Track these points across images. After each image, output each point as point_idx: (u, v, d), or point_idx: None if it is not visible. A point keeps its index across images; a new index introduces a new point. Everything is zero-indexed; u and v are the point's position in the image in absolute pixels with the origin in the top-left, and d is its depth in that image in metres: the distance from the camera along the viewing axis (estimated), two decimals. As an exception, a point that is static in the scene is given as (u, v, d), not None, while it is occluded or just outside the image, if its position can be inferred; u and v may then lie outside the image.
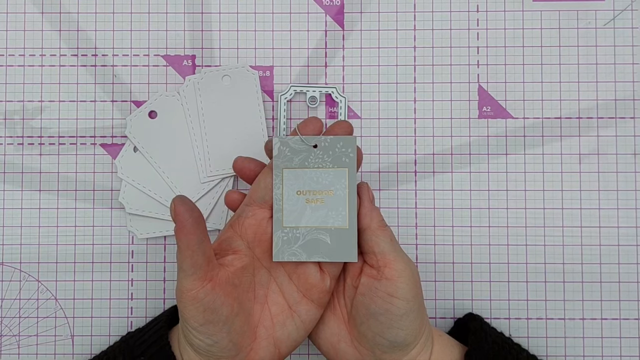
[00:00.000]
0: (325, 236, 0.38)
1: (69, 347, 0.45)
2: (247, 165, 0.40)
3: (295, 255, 0.38)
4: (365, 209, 0.38)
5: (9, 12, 0.46)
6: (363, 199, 0.39)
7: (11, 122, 0.46)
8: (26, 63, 0.46)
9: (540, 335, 0.45)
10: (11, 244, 0.45)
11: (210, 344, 0.36)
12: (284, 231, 0.38)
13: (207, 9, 0.46)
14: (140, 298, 0.45)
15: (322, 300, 0.38)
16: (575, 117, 0.46)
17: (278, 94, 0.46)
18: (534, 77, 0.46)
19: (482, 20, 0.46)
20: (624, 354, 0.45)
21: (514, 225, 0.45)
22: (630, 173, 0.45)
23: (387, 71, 0.46)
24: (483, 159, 0.46)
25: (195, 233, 0.34)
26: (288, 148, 0.38)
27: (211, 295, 0.35)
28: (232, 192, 0.41)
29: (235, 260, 0.37)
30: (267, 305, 0.38)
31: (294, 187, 0.38)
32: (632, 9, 0.46)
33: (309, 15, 0.46)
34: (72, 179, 0.46)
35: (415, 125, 0.46)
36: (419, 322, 0.37)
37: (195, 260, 0.35)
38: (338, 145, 0.38)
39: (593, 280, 0.45)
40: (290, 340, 0.38)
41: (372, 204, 0.39)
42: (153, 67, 0.46)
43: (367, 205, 0.38)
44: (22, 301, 0.45)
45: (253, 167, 0.40)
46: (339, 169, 0.38)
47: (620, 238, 0.45)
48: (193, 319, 0.35)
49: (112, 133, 0.46)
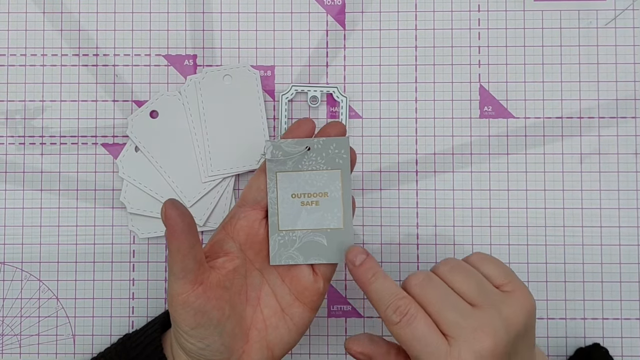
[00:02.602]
0: (322, 238, 0.38)
1: (70, 347, 0.45)
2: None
3: (292, 258, 0.38)
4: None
5: (10, 11, 0.46)
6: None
7: (12, 122, 0.46)
8: (27, 63, 0.46)
9: (542, 335, 0.45)
10: (12, 243, 0.45)
11: (202, 347, 0.36)
12: (280, 234, 0.38)
13: (208, 8, 0.46)
14: (141, 298, 0.45)
15: (314, 303, 0.38)
16: (576, 116, 0.46)
17: (279, 93, 0.46)
18: (535, 77, 0.46)
19: (483, 19, 0.46)
20: (625, 353, 0.45)
21: (515, 225, 0.45)
22: (631, 173, 0.45)
23: (388, 71, 0.46)
24: (484, 158, 0.46)
25: (186, 237, 0.34)
26: (281, 151, 0.38)
27: (202, 299, 0.35)
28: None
29: (226, 262, 0.37)
30: (260, 308, 0.38)
31: (289, 190, 0.38)
32: (633, 8, 0.46)
33: (310, 15, 0.46)
34: (74, 179, 0.46)
35: (416, 125, 0.46)
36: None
37: (185, 265, 0.34)
38: (331, 147, 0.38)
39: (594, 280, 0.45)
40: (283, 343, 0.38)
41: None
42: (154, 67, 0.46)
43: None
44: (23, 301, 0.45)
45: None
46: (332, 170, 0.38)
47: (622, 238, 0.45)
48: (184, 322, 0.35)
49: (113, 133, 0.46)
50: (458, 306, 0.33)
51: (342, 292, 0.46)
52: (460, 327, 0.32)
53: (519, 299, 0.34)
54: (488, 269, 0.36)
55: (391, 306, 0.33)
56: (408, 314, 0.33)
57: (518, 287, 0.35)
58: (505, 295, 0.34)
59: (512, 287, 0.35)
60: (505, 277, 0.35)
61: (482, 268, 0.36)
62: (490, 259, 0.36)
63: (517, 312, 0.34)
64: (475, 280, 0.34)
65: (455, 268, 0.35)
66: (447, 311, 0.33)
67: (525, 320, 0.34)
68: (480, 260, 0.36)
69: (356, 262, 0.35)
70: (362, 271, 0.35)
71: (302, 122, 0.38)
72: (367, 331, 0.45)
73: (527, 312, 0.34)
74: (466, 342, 0.32)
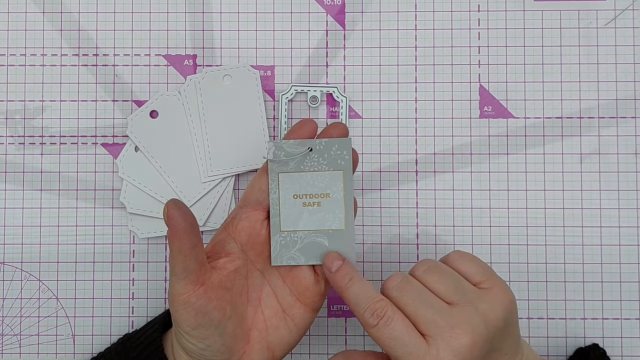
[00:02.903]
0: (323, 239, 0.38)
1: (70, 347, 0.45)
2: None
3: (293, 259, 0.38)
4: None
5: (10, 11, 0.46)
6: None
7: (12, 122, 0.46)
8: (27, 63, 0.46)
9: (542, 335, 0.45)
10: (12, 243, 0.45)
11: (203, 347, 0.36)
12: (282, 235, 0.38)
13: (208, 8, 0.46)
14: (141, 298, 0.45)
15: (315, 304, 0.38)
16: (576, 116, 0.46)
17: (279, 93, 0.46)
18: (535, 77, 0.46)
19: (483, 20, 0.46)
20: (625, 353, 0.45)
21: (514, 225, 0.45)
22: (631, 173, 0.45)
23: (388, 71, 0.46)
24: (484, 158, 0.46)
25: (188, 238, 0.34)
26: (283, 152, 0.38)
27: (203, 299, 0.35)
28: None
29: (228, 263, 0.37)
30: (261, 309, 0.38)
31: (290, 191, 0.38)
32: (633, 8, 0.46)
33: (310, 15, 0.46)
34: (73, 179, 0.46)
35: (416, 125, 0.46)
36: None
37: (187, 265, 0.34)
38: (333, 148, 0.38)
39: (594, 280, 0.45)
40: (284, 343, 0.38)
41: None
42: (154, 67, 0.46)
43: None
44: (23, 300, 0.45)
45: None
46: (334, 171, 0.38)
47: (622, 238, 0.45)
48: (185, 322, 0.35)
49: (113, 133, 0.46)
50: (435, 305, 0.34)
51: (342, 292, 0.46)
52: (437, 325, 0.33)
53: (497, 295, 0.35)
54: (466, 266, 0.36)
55: (368, 309, 0.34)
56: (385, 316, 0.33)
57: (496, 284, 0.35)
58: (482, 292, 0.35)
59: (490, 283, 0.35)
60: (483, 275, 0.36)
61: (460, 266, 0.36)
62: (468, 257, 0.37)
63: (495, 307, 0.34)
64: (452, 279, 0.35)
65: (431, 268, 0.35)
66: (424, 310, 0.33)
67: (503, 315, 0.34)
68: (458, 259, 0.37)
69: (332, 268, 0.36)
70: (339, 277, 0.36)
71: (304, 122, 0.38)
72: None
73: (505, 307, 0.34)
74: (444, 340, 0.32)
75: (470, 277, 0.36)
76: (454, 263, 0.36)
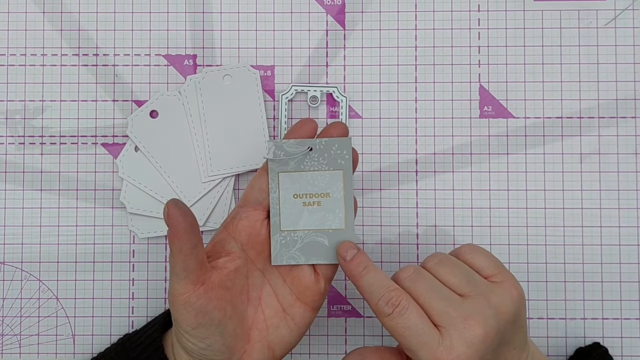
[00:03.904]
0: (323, 238, 0.38)
1: (70, 347, 0.45)
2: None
3: (293, 258, 0.38)
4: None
5: (10, 11, 0.46)
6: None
7: (12, 122, 0.46)
8: (27, 62, 0.46)
9: (542, 335, 0.45)
10: (12, 243, 0.45)
11: (203, 347, 0.36)
12: (282, 235, 0.38)
13: (208, 8, 0.46)
14: (141, 297, 0.45)
15: (316, 303, 0.38)
16: (576, 116, 0.46)
17: (279, 93, 0.46)
18: (535, 77, 0.46)
19: (483, 19, 0.46)
20: (625, 353, 0.45)
21: (514, 225, 0.45)
22: (631, 173, 0.45)
23: (388, 71, 0.46)
24: (484, 158, 0.46)
25: (189, 238, 0.34)
26: (283, 152, 0.38)
27: (203, 299, 0.35)
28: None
29: (228, 262, 0.37)
30: (261, 308, 0.38)
31: (291, 190, 0.38)
32: (633, 8, 0.46)
33: (310, 15, 0.46)
34: (73, 179, 0.46)
35: (416, 125, 0.46)
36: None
37: (187, 265, 0.34)
38: (333, 148, 0.38)
39: (594, 280, 0.45)
40: (284, 343, 0.38)
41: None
42: (154, 67, 0.46)
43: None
44: (23, 300, 0.45)
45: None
46: (334, 171, 0.38)
47: (622, 238, 0.45)
48: (185, 322, 0.35)
49: (113, 132, 0.46)
50: (447, 297, 0.34)
51: (342, 292, 0.46)
52: (450, 316, 0.33)
53: (508, 289, 0.35)
54: (477, 260, 0.36)
55: (383, 298, 0.34)
56: (400, 305, 0.33)
57: (507, 278, 0.36)
58: (493, 285, 0.35)
59: (501, 277, 0.36)
60: (495, 268, 0.36)
61: (472, 260, 0.36)
62: (479, 251, 0.37)
63: (506, 301, 0.34)
64: (463, 271, 0.35)
65: (443, 261, 0.36)
66: (436, 302, 0.33)
67: (514, 309, 0.34)
68: (470, 252, 0.37)
69: (347, 257, 0.36)
70: (354, 265, 0.36)
71: (304, 122, 0.39)
72: (366, 331, 0.45)
73: (515, 301, 0.35)
74: (457, 331, 0.33)
75: (481, 270, 0.36)
76: (465, 256, 0.37)
